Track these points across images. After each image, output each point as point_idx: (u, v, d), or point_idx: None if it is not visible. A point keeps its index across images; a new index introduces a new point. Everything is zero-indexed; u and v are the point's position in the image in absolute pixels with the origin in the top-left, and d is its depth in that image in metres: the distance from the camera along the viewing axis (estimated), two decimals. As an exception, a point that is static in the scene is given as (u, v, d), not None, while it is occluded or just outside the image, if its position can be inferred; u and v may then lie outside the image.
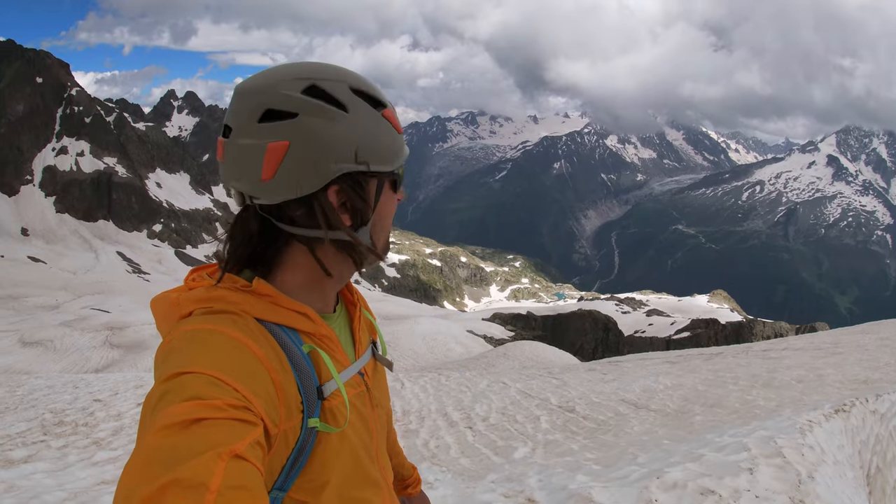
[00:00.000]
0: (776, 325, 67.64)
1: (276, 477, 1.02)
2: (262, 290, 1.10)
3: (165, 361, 0.97)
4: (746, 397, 9.42)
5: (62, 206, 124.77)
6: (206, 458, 0.79)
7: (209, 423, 0.84)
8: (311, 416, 1.06)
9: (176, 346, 0.99)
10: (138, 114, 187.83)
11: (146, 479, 0.77)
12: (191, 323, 1.04)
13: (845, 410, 6.00)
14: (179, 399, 0.86)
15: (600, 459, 6.03)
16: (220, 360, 0.94)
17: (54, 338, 36.20)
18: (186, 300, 1.11)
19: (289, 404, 1.02)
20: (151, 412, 0.87)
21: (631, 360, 18.49)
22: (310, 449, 1.06)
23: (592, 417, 8.86)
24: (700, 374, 12.59)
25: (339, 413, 1.12)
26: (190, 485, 0.75)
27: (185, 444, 0.80)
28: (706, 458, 4.46)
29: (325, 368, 1.12)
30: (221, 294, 1.09)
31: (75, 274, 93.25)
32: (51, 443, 7.04)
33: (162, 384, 0.91)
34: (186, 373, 0.91)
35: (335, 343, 1.20)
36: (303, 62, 1.13)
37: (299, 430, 1.04)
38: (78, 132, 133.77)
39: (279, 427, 0.99)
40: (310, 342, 1.13)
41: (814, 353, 15.00)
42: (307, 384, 1.07)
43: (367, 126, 1.11)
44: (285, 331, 1.10)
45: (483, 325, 60.52)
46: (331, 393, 1.11)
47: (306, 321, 1.13)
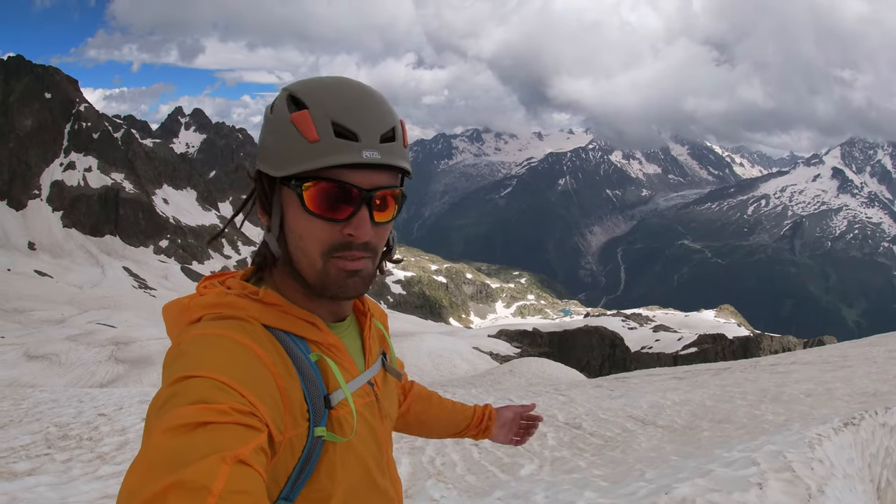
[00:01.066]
0: (784, 340, 67.46)
1: (283, 486, 1.02)
2: (269, 298, 1.12)
3: (173, 364, 0.98)
4: (755, 412, 9.35)
5: (69, 221, 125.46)
6: (209, 461, 0.79)
7: (214, 427, 0.84)
8: (317, 425, 1.06)
9: (184, 349, 1.00)
10: (146, 130, 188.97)
11: (150, 479, 0.77)
12: (199, 328, 1.05)
13: (854, 424, 5.95)
14: (185, 402, 0.86)
15: (608, 476, 5.98)
16: (226, 365, 0.95)
17: (60, 352, 36.25)
18: (196, 305, 1.12)
19: (294, 412, 1.02)
20: (157, 414, 0.88)
21: (638, 376, 18.41)
22: (316, 458, 1.06)
23: (600, 434, 8.80)
24: (708, 389, 12.52)
25: (346, 423, 1.12)
26: (193, 487, 0.76)
27: (189, 446, 0.81)
28: (715, 473, 4.42)
29: (333, 377, 1.12)
30: (231, 300, 1.10)
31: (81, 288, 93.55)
32: (55, 456, 7.01)
33: (168, 387, 0.91)
34: (193, 376, 0.91)
35: (343, 352, 1.20)
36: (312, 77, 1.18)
37: (305, 439, 1.04)
38: (86, 148, 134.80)
39: (284, 434, 0.99)
40: (317, 351, 1.13)
41: (822, 366, 14.90)
42: (314, 392, 1.07)
43: (274, 126, 1.11)
44: (293, 338, 1.10)
45: (489, 341, 60.40)
46: (338, 402, 1.11)
47: (314, 330, 1.14)
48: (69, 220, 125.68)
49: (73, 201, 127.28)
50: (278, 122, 1.10)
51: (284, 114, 1.10)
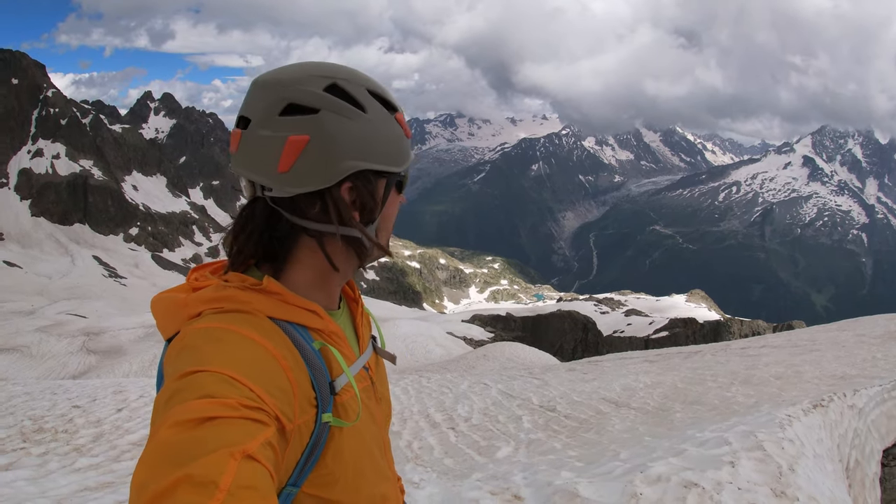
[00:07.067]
0: (753, 324, 68.18)
1: (290, 473, 1.02)
2: (272, 288, 1.11)
3: (178, 358, 0.97)
4: (726, 394, 9.51)
5: (38, 210, 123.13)
6: (217, 455, 0.79)
7: (221, 421, 0.84)
8: (324, 412, 1.07)
9: (189, 342, 1.00)
10: (115, 115, 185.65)
11: (158, 474, 0.78)
12: (204, 321, 1.05)
13: (823, 405, 6.10)
14: (193, 396, 0.87)
15: (583, 456, 6.07)
16: (234, 359, 0.95)
17: (31, 343, 35.87)
18: (195, 300, 1.11)
19: (302, 401, 1.02)
20: (164, 408, 0.88)
21: (610, 360, 18.58)
22: (323, 444, 1.07)
23: (574, 416, 8.90)
24: (679, 372, 12.69)
25: (351, 407, 1.14)
26: (201, 482, 0.76)
27: (197, 441, 0.81)
28: (688, 452, 4.52)
29: (336, 364, 1.14)
30: (231, 294, 1.09)
31: (51, 279, 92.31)
32: (31, 450, 6.97)
33: (175, 381, 0.91)
34: (200, 371, 0.91)
35: (343, 339, 1.22)
36: (321, 62, 1.17)
37: (313, 426, 1.05)
38: (54, 134, 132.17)
39: (294, 422, 0.99)
40: (319, 339, 1.15)
41: (791, 350, 15.17)
42: (320, 380, 1.08)
43: (381, 127, 1.15)
44: (296, 328, 1.11)
45: (463, 326, 60.67)
46: (341, 388, 1.12)
47: (315, 318, 1.15)
48: (37, 208, 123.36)
49: (42, 189, 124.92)
50: (383, 122, 1.16)
51: (384, 113, 1.17)
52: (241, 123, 1.13)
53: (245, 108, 1.13)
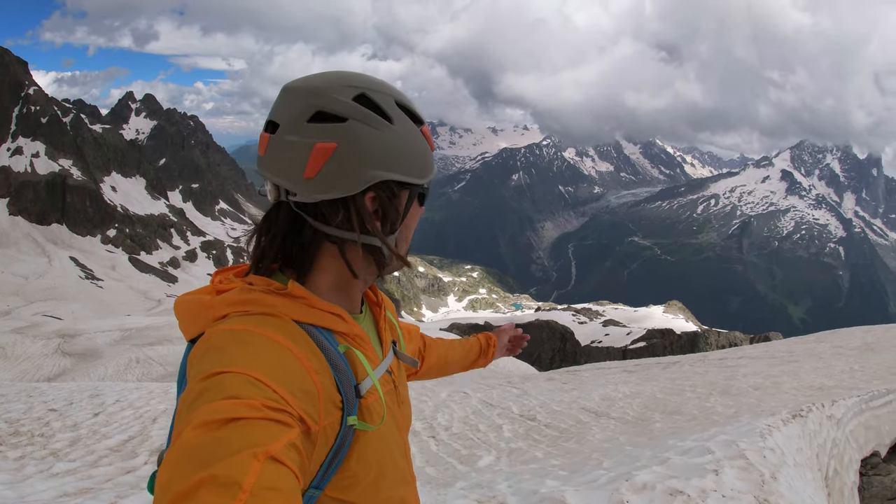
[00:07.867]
0: (731, 335, 68.78)
1: (314, 475, 1.03)
2: (296, 292, 1.12)
3: (203, 359, 0.98)
4: (705, 404, 9.59)
5: (15, 209, 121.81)
6: (241, 457, 0.80)
7: (245, 422, 0.84)
8: (349, 415, 1.07)
9: (215, 343, 1.00)
10: (95, 115, 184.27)
11: (181, 474, 0.79)
12: (229, 323, 1.06)
13: (802, 416, 6.17)
14: (218, 397, 0.87)
15: (566, 465, 6.09)
16: (259, 361, 0.95)
17: (5, 345, 35.41)
18: (221, 303, 1.12)
19: (328, 403, 1.03)
20: (188, 409, 0.89)
21: (589, 370, 18.67)
22: (347, 447, 1.07)
23: (554, 426, 8.93)
24: (658, 382, 12.78)
25: (375, 410, 1.14)
26: (224, 483, 0.77)
27: (221, 441, 0.82)
28: (672, 461, 4.55)
29: (361, 367, 1.15)
30: (257, 297, 1.10)
31: (27, 279, 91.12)
32: (7, 454, 6.86)
33: (200, 382, 0.92)
34: (224, 372, 0.92)
35: (367, 342, 1.23)
36: (352, 71, 1.19)
37: (338, 428, 1.05)
38: (34, 133, 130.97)
39: (319, 424, 0.99)
40: (344, 342, 1.16)
41: (769, 361, 15.33)
42: (346, 383, 1.09)
43: (407, 139, 1.17)
44: (321, 331, 1.12)
45: (440, 335, 60.32)
46: (366, 391, 1.13)
47: (340, 322, 1.16)
48: (15, 207, 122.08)
49: (20, 188, 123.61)
50: (409, 134, 1.18)
51: (411, 125, 1.19)
52: (269, 128, 1.13)
53: (274, 112, 1.13)
